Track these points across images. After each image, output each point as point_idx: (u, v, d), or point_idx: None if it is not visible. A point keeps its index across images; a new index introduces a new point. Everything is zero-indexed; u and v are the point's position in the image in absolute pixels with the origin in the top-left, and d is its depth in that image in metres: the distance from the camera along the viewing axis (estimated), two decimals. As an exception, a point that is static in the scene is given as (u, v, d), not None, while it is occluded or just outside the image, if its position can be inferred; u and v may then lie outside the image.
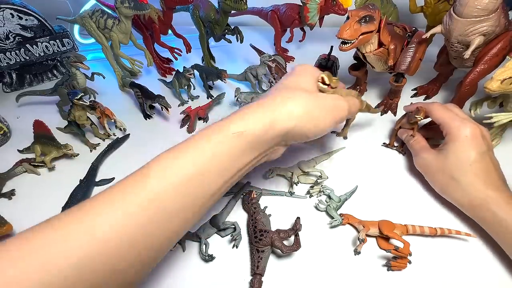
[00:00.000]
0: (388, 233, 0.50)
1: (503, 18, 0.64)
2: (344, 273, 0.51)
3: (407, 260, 0.48)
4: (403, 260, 0.48)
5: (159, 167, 0.37)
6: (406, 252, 0.48)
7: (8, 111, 0.89)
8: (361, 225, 0.54)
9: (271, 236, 0.52)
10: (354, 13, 0.64)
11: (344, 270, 0.51)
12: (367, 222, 0.54)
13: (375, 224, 0.53)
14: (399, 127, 0.70)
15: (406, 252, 0.48)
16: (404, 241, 0.48)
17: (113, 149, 0.76)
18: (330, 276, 0.50)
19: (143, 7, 0.81)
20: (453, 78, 0.84)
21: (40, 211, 0.64)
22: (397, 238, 0.50)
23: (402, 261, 0.48)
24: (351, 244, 0.54)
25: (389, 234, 0.50)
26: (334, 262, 0.52)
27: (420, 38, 0.72)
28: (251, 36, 1.10)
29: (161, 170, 0.36)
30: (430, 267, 0.50)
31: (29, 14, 0.89)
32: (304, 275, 0.51)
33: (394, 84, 0.77)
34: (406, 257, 0.48)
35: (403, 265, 0.48)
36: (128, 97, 0.94)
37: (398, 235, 0.50)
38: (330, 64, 0.91)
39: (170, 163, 0.37)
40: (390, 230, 0.50)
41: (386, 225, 0.51)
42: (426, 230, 0.52)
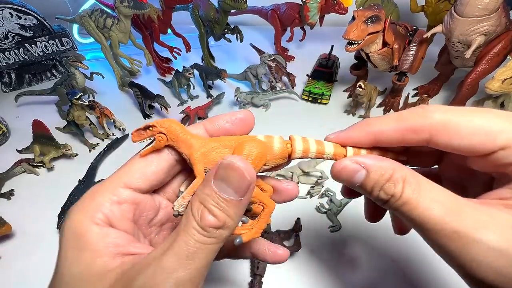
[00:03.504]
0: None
1: (504, 18, 0.64)
2: (344, 273, 0.50)
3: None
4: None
5: None
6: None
7: (7, 111, 0.89)
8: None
9: (271, 237, 0.52)
10: (360, 14, 0.64)
11: (344, 270, 0.51)
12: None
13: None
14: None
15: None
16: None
17: (112, 149, 0.76)
18: (330, 276, 0.50)
19: (143, 6, 0.80)
20: (454, 78, 0.84)
21: (39, 211, 0.64)
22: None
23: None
24: (351, 245, 0.54)
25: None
26: (334, 262, 0.52)
27: (421, 37, 0.72)
28: (251, 36, 1.09)
29: None
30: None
31: (28, 14, 0.89)
32: (304, 276, 0.50)
33: (396, 83, 0.77)
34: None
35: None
36: (128, 96, 0.93)
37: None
38: (331, 63, 0.91)
39: None
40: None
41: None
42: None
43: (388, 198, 0.24)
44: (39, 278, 0.53)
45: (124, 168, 0.27)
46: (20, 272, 0.54)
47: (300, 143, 0.28)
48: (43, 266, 0.55)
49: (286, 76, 0.90)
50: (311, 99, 0.87)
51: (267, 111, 0.86)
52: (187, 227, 0.23)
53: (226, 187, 0.23)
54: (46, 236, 0.59)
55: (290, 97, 0.90)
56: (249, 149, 0.25)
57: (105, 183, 0.26)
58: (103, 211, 0.25)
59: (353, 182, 0.25)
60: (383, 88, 0.88)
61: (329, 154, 0.28)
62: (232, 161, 0.23)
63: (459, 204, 0.22)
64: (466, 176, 0.29)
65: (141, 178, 0.26)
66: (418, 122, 0.24)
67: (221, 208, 0.23)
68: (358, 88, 0.70)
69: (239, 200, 0.23)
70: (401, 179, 0.23)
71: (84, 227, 0.24)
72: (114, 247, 0.24)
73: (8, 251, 0.57)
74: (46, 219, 0.60)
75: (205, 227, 0.22)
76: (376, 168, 0.24)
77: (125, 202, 0.26)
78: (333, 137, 0.29)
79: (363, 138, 0.27)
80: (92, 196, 0.25)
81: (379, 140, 0.26)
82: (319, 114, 0.84)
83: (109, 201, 0.25)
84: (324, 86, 0.87)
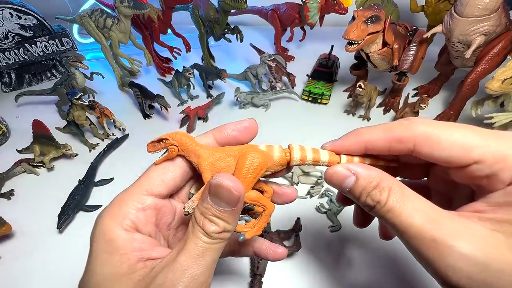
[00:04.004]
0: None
1: (504, 18, 0.64)
2: (344, 273, 0.50)
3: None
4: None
5: None
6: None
7: (7, 111, 0.89)
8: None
9: (271, 237, 0.52)
10: (360, 14, 0.64)
11: (344, 270, 0.51)
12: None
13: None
14: (401, 116, 0.70)
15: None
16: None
17: (112, 149, 0.76)
18: (330, 276, 0.50)
19: (143, 6, 0.80)
20: (454, 78, 0.84)
21: (39, 211, 0.64)
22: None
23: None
24: (351, 245, 0.54)
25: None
26: (334, 262, 0.52)
27: (421, 37, 0.72)
28: (251, 36, 1.09)
29: None
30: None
31: (28, 14, 0.89)
32: (304, 276, 0.50)
33: (396, 83, 0.77)
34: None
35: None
36: (128, 96, 0.93)
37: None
38: (331, 63, 0.91)
39: None
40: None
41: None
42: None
43: (374, 204, 0.26)
44: (39, 278, 0.54)
45: (144, 176, 0.30)
46: (20, 272, 0.54)
47: (298, 152, 0.30)
48: (43, 266, 0.55)
49: (286, 76, 0.90)
50: (311, 99, 0.87)
51: (267, 111, 0.86)
52: (195, 232, 0.26)
53: (219, 201, 0.26)
54: (46, 236, 0.59)
55: (290, 97, 0.90)
56: (251, 159, 0.28)
57: (129, 191, 0.29)
58: (130, 217, 0.28)
59: (343, 187, 0.28)
60: (383, 88, 0.88)
61: (324, 161, 0.30)
62: (220, 180, 0.26)
63: (439, 214, 0.24)
64: (450, 188, 0.31)
65: (161, 185, 0.30)
66: (403, 132, 0.27)
67: (218, 217, 0.26)
68: (358, 88, 0.70)
69: (233, 210, 0.26)
70: (387, 188, 0.25)
71: (114, 233, 0.27)
72: (140, 251, 0.27)
73: (8, 251, 0.57)
74: (46, 219, 0.60)
75: (209, 233, 0.26)
76: (365, 175, 0.27)
77: (149, 208, 0.29)
78: (328, 145, 0.31)
79: (355, 146, 0.29)
80: (120, 204, 0.29)
81: (369, 148, 0.29)
82: (319, 114, 0.84)
83: (134, 208, 0.28)
84: (324, 86, 0.87)
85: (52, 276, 0.53)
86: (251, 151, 0.29)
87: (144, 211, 0.29)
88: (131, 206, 0.28)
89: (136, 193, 0.29)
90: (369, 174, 0.27)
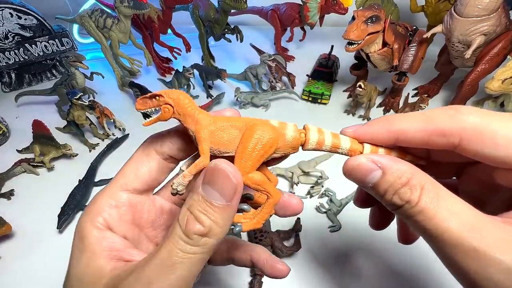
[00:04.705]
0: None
1: (504, 18, 0.64)
2: (343, 273, 0.50)
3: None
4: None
5: None
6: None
7: (7, 111, 0.89)
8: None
9: (271, 237, 0.52)
10: (360, 14, 0.64)
11: (343, 270, 0.51)
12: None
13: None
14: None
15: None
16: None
17: (113, 149, 0.76)
18: (329, 276, 0.50)
19: (143, 6, 0.80)
20: (454, 78, 0.84)
21: (39, 211, 0.64)
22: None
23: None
24: (351, 245, 0.54)
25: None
26: (333, 262, 0.52)
27: (421, 37, 0.72)
28: (251, 36, 1.09)
29: None
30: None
31: (28, 14, 0.89)
32: (304, 276, 0.50)
33: (396, 83, 0.77)
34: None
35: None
36: (128, 96, 0.93)
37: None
38: (331, 63, 0.91)
39: None
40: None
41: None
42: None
43: (402, 204, 0.22)
44: (39, 278, 0.54)
45: (120, 172, 0.28)
46: (20, 272, 0.54)
47: (315, 134, 0.26)
48: (43, 266, 0.55)
49: (286, 76, 0.90)
50: (311, 99, 0.87)
51: (267, 111, 0.86)
52: (172, 235, 0.22)
53: (212, 191, 0.22)
54: (46, 236, 0.59)
55: (290, 97, 0.90)
56: (260, 132, 0.24)
57: (106, 188, 0.27)
58: (102, 215, 0.26)
59: (366, 182, 0.24)
60: (383, 88, 0.88)
61: (344, 148, 0.26)
62: (218, 163, 0.22)
63: (480, 220, 0.20)
64: (487, 191, 0.27)
65: (135, 179, 0.27)
66: (448, 124, 0.22)
67: (207, 213, 0.22)
68: (358, 88, 0.70)
69: (227, 205, 0.22)
70: (419, 186, 0.21)
71: (86, 230, 0.25)
72: (110, 251, 0.24)
73: (8, 251, 0.57)
74: (46, 219, 0.60)
75: (190, 234, 0.22)
76: (393, 169, 0.22)
77: (123, 205, 0.27)
78: (351, 131, 0.26)
79: (383, 136, 0.25)
80: (95, 200, 0.26)
81: (401, 139, 0.24)
82: (319, 114, 0.84)
83: (107, 205, 0.26)
84: (324, 86, 0.87)
85: (52, 276, 0.53)
86: (261, 124, 0.24)
87: (117, 208, 0.26)
88: (104, 202, 0.26)
89: (111, 189, 0.27)
90: (398, 169, 0.22)
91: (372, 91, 0.75)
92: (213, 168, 0.22)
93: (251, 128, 0.24)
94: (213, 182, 0.22)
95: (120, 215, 0.27)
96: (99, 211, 0.26)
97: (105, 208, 0.26)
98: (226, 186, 0.22)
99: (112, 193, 0.27)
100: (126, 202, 0.27)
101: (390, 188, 0.22)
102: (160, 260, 0.22)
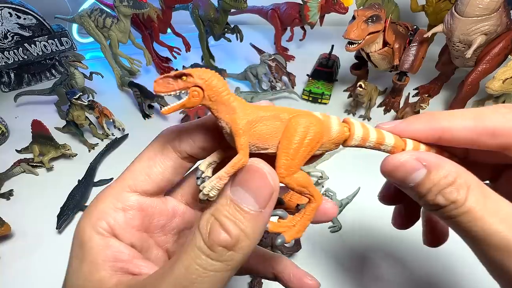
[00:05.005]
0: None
1: (504, 17, 0.64)
2: (343, 273, 0.50)
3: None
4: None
5: None
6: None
7: (6, 110, 0.88)
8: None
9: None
10: (360, 13, 0.64)
11: (343, 270, 0.51)
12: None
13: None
14: (402, 116, 0.70)
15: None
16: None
17: (112, 149, 0.76)
18: (330, 276, 0.50)
19: (142, 6, 0.80)
20: (454, 78, 0.84)
21: (38, 212, 0.64)
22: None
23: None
24: (351, 245, 0.54)
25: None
26: (333, 262, 0.52)
27: (422, 37, 0.72)
28: (251, 35, 1.09)
29: None
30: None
31: (28, 13, 0.89)
32: (305, 277, 0.50)
33: (397, 83, 0.77)
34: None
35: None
36: (127, 96, 0.93)
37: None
38: (331, 63, 0.90)
39: None
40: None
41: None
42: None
43: (447, 204, 0.20)
44: (39, 278, 0.53)
45: (128, 169, 0.24)
46: (19, 272, 0.54)
47: (359, 128, 0.23)
48: (42, 266, 0.55)
49: (286, 76, 0.90)
50: (311, 99, 0.87)
51: (267, 111, 0.86)
52: (190, 246, 0.19)
53: (244, 194, 0.19)
54: (45, 236, 0.59)
55: (290, 97, 0.90)
56: (307, 124, 0.21)
57: (110, 186, 0.24)
58: (106, 219, 0.22)
59: (408, 181, 0.22)
60: (384, 88, 0.87)
61: (388, 145, 0.23)
62: (254, 162, 0.20)
63: None
64: None
65: (146, 181, 0.23)
66: (500, 123, 0.21)
67: (236, 220, 0.18)
68: (358, 88, 0.70)
69: (259, 212, 0.19)
70: (466, 185, 0.20)
71: (86, 235, 0.22)
72: (114, 262, 0.21)
73: (7, 251, 0.57)
74: (46, 220, 0.60)
75: (213, 245, 0.18)
76: (440, 168, 0.21)
77: (131, 209, 0.23)
78: (388, 127, 0.24)
79: (426, 133, 0.23)
80: (97, 202, 0.23)
81: (445, 138, 0.22)
82: (319, 114, 0.84)
83: (113, 207, 0.23)
84: (324, 86, 0.87)
85: (52, 276, 0.53)
86: (306, 115, 0.21)
87: (124, 212, 0.23)
88: (109, 204, 0.22)
89: (116, 189, 0.23)
90: (444, 167, 0.21)
91: (373, 91, 0.75)
92: (248, 167, 0.20)
93: (295, 119, 0.21)
94: (247, 184, 0.19)
95: (127, 220, 0.23)
96: (102, 215, 0.22)
97: (109, 211, 0.22)
98: (261, 190, 0.19)
99: (117, 193, 0.23)
100: (135, 205, 0.23)
101: (434, 187, 0.21)
102: (175, 278, 0.18)
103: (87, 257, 0.21)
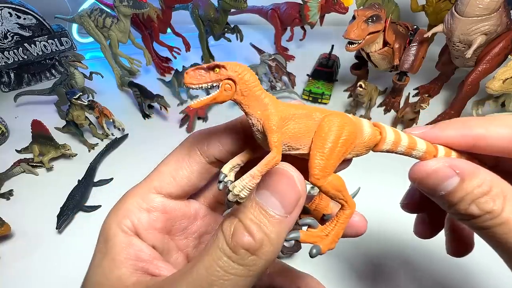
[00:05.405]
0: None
1: (504, 17, 0.64)
2: (343, 273, 0.50)
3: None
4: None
5: None
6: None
7: (6, 110, 0.88)
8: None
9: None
10: (360, 13, 0.64)
11: (343, 270, 0.51)
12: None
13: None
14: (402, 116, 0.70)
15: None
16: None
17: (112, 149, 0.76)
18: (329, 276, 0.50)
19: (142, 6, 0.80)
20: (454, 78, 0.84)
21: (38, 212, 0.64)
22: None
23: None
24: (350, 245, 0.54)
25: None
26: (333, 262, 0.52)
27: (422, 37, 0.72)
28: (251, 35, 1.09)
29: None
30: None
31: (28, 13, 0.89)
32: (305, 277, 0.50)
33: (397, 83, 0.77)
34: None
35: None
36: (127, 96, 0.93)
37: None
38: (331, 63, 0.90)
39: None
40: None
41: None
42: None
43: (481, 214, 0.19)
44: (39, 278, 0.53)
45: (155, 171, 0.24)
46: (19, 272, 0.54)
47: (391, 133, 0.22)
48: (42, 266, 0.55)
49: (286, 76, 0.90)
50: (312, 99, 0.87)
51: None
52: (213, 247, 0.18)
53: (271, 198, 0.18)
54: (45, 236, 0.59)
55: (290, 96, 0.90)
56: (342, 124, 0.20)
57: (138, 186, 0.24)
58: (130, 217, 0.22)
59: (439, 189, 0.21)
60: (384, 88, 0.87)
61: (420, 150, 0.22)
62: (281, 166, 0.19)
63: None
64: None
65: (171, 184, 0.23)
66: None
67: (260, 224, 0.18)
68: (358, 88, 0.70)
69: (285, 218, 0.18)
70: (502, 195, 0.19)
71: (112, 232, 0.22)
72: (135, 261, 0.21)
73: (7, 251, 0.57)
74: (45, 219, 0.60)
75: (236, 247, 0.17)
76: (474, 177, 0.20)
77: (155, 210, 0.23)
78: (419, 133, 0.23)
79: (458, 141, 0.22)
80: (124, 200, 0.23)
81: (479, 146, 0.21)
82: (319, 114, 0.84)
83: (137, 207, 0.23)
84: (324, 86, 0.87)
85: (52, 276, 0.53)
86: (340, 115, 0.20)
87: (149, 212, 0.23)
88: (134, 203, 0.23)
89: (143, 190, 0.23)
90: (479, 176, 0.20)
91: (373, 91, 0.75)
92: (275, 170, 0.19)
93: (329, 118, 0.20)
94: (273, 187, 0.19)
95: (151, 221, 0.23)
96: (127, 213, 0.22)
97: (134, 210, 0.23)
98: (288, 194, 0.18)
99: (143, 194, 0.23)
100: (159, 207, 0.23)
101: (467, 196, 0.20)
102: (194, 279, 0.17)
103: (110, 253, 0.21)
